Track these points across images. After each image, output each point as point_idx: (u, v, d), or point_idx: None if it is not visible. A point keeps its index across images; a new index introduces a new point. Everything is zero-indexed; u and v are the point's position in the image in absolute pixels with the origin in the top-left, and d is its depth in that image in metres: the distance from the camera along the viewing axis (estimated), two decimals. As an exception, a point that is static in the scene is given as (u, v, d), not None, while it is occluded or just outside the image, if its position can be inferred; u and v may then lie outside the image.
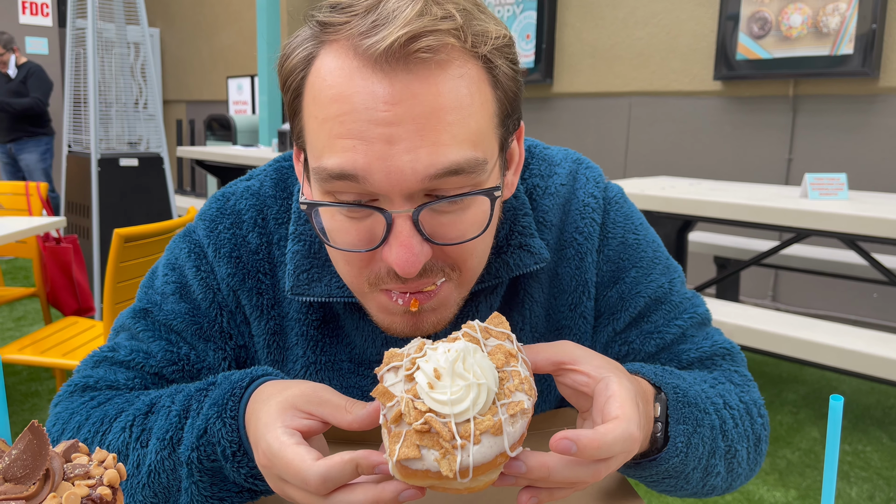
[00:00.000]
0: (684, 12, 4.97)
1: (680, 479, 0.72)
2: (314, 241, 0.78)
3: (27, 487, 0.50)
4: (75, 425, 0.74)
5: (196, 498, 0.69)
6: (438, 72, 0.60)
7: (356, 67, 0.60)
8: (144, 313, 0.82)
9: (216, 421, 0.66)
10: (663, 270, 0.85)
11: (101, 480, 0.53)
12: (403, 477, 0.54)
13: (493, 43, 0.63)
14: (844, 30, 4.20)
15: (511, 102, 0.67)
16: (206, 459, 0.67)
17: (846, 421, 3.08)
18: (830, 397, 0.51)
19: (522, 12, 5.76)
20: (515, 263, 0.77)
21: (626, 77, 5.32)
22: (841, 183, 3.01)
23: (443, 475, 0.52)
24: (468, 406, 0.53)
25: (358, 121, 0.60)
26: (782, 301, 4.77)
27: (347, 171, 0.61)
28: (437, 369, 0.54)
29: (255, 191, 0.83)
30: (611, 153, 5.46)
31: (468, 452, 0.52)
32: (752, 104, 4.75)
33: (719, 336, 0.86)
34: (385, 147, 0.59)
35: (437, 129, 0.60)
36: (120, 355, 0.80)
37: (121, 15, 4.49)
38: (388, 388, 0.55)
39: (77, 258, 3.19)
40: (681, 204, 3.04)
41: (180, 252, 0.83)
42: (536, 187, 0.83)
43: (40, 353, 2.45)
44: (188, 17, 9.78)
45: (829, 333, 2.68)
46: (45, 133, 6.05)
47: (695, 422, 0.70)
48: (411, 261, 0.62)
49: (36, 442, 0.51)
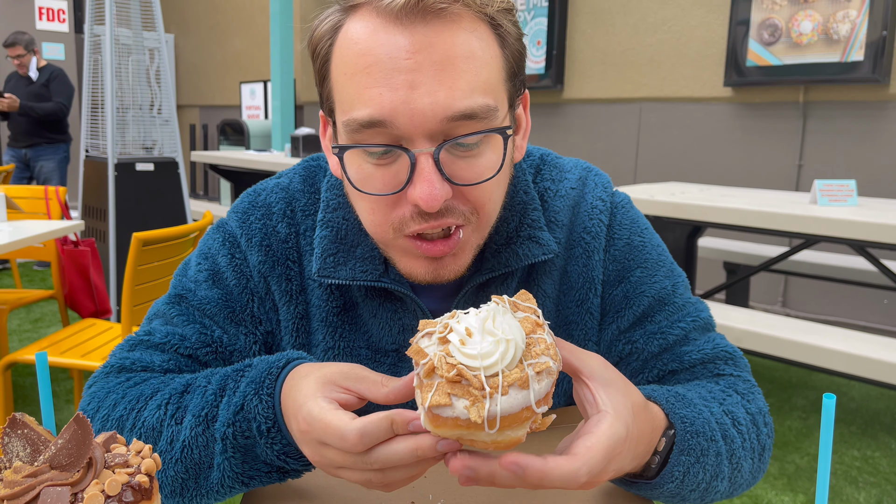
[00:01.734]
0: (695, 19, 4.99)
1: (675, 498, 0.75)
2: (340, 227, 0.84)
3: (72, 474, 0.54)
4: (111, 403, 0.78)
5: (227, 474, 0.72)
6: (452, 25, 0.67)
7: (380, 24, 0.67)
8: (179, 299, 0.87)
9: (253, 398, 0.70)
10: (667, 273, 0.89)
11: (138, 469, 0.57)
12: (435, 427, 0.57)
13: (499, 5, 0.70)
14: (855, 37, 4.21)
15: (517, 62, 0.74)
16: (240, 436, 0.70)
17: (855, 427, 3.09)
18: (824, 396, 0.54)
19: (533, 18, 5.80)
20: (524, 253, 0.83)
21: (636, 83, 5.34)
22: (850, 189, 3.02)
23: (472, 422, 0.55)
24: (497, 359, 0.56)
25: (383, 70, 0.66)
26: (792, 307, 4.77)
27: (375, 117, 0.67)
28: (468, 328, 0.58)
29: (285, 186, 0.90)
30: (621, 158, 5.48)
31: (496, 402, 0.55)
32: (763, 110, 4.76)
33: (722, 340, 0.89)
34: (408, 92, 0.66)
35: (454, 74, 0.67)
36: (155, 339, 0.84)
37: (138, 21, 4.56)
38: (422, 347, 0.59)
39: (95, 261, 3.24)
40: (690, 210, 3.06)
41: (213, 242, 0.89)
42: (548, 190, 0.89)
43: (59, 355, 2.50)
44: (202, 22, 9.88)
45: (838, 339, 2.69)
46: (63, 140, 5.84)
47: (699, 452, 0.72)
48: (434, 194, 0.67)
49: (80, 432, 0.55)
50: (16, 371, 3.57)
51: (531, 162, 0.92)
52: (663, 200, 3.13)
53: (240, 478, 0.72)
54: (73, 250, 3.22)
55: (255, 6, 8.90)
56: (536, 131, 5.97)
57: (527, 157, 0.92)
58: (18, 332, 4.19)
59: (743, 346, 2.82)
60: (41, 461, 0.55)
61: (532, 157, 0.92)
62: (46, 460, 0.55)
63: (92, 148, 4.52)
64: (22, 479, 0.54)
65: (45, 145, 5.74)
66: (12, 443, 0.55)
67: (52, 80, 5.62)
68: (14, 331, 4.19)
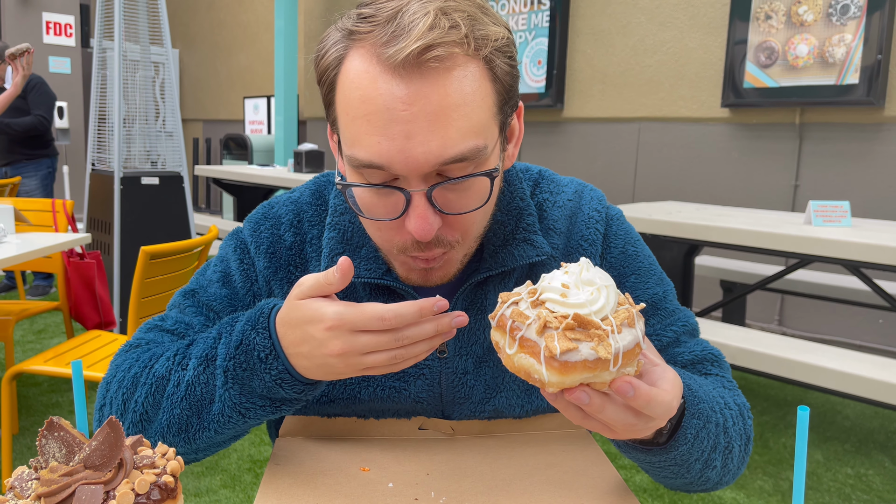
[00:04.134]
0: (693, 41, 5.07)
1: (682, 467, 0.80)
2: (347, 229, 0.93)
3: (104, 474, 0.59)
4: (127, 367, 0.88)
5: (227, 404, 0.80)
6: (446, 74, 0.72)
7: (379, 72, 0.73)
8: (192, 293, 0.97)
9: (251, 332, 0.79)
10: (658, 281, 0.97)
11: (164, 470, 0.61)
12: (562, 375, 0.60)
13: (493, 45, 0.76)
14: (850, 60, 4.29)
15: (508, 91, 0.80)
16: (239, 368, 0.79)
17: (849, 444, 3.12)
18: (798, 408, 0.59)
19: (535, 38, 5.89)
20: (520, 254, 0.90)
21: (635, 103, 5.42)
22: (844, 210, 3.07)
23: (600, 360, 0.60)
24: (603, 304, 0.61)
25: (382, 119, 0.73)
26: (789, 325, 4.81)
27: (374, 162, 0.75)
28: (564, 283, 0.63)
29: (295, 199, 0.99)
30: (620, 177, 5.55)
31: (616, 340, 0.60)
32: (759, 131, 4.83)
33: (707, 344, 0.97)
34: (404, 141, 0.72)
35: (446, 124, 0.73)
36: (167, 324, 0.95)
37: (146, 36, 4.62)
38: (521, 310, 0.63)
39: (100, 273, 3.29)
40: (688, 228, 3.11)
41: (228, 247, 0.99)
42: (546, 201, 0.97)
43: (66, 365, 2.54)
44: (207, 38, 9.99)
45: (833, 358, 2.73)
46: (46, 154, 5.26)
47: (705, 418, 0.79)
48: (427, 229, 0.76)
49: (113, 435, 0.59)
50: (20, 381, 3.60)
51: (529, 176, 1.00)
52: (661, 219, 3.18)
53: (237, 408, 0.80)
54: (79, 262, 3.27)
55: (261, 23, 9.02)
56: (537, 149, 6.05)
57: (525, 172, 1.00)
58: (22, 342, 4.23)
59: (739, 363, 2.86)
60: (76, 461, 0.59)
61: (531, 171, 1.00)
62: (81, 460, 0.59)
63: (98, 162, 4.58)
64: (58, 477, 0.58)
65: (25, 162, 5.18)
66: (49, 444, 0.60)
67: (30, 92, 4.97)
68: (17, 342, 4.23)
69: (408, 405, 0.93)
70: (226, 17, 9.63)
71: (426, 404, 0.93)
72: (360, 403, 0.93)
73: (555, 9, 5.72)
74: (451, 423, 0.94)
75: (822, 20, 4.39)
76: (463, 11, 0.74)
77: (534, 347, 0.61)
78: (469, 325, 0.89)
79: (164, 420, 0.83)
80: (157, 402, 0.83)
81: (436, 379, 0.91)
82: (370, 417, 0.95)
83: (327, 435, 0.95)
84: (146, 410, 0.83)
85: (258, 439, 3.01)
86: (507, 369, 0.66)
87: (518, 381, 0.92)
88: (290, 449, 0.91)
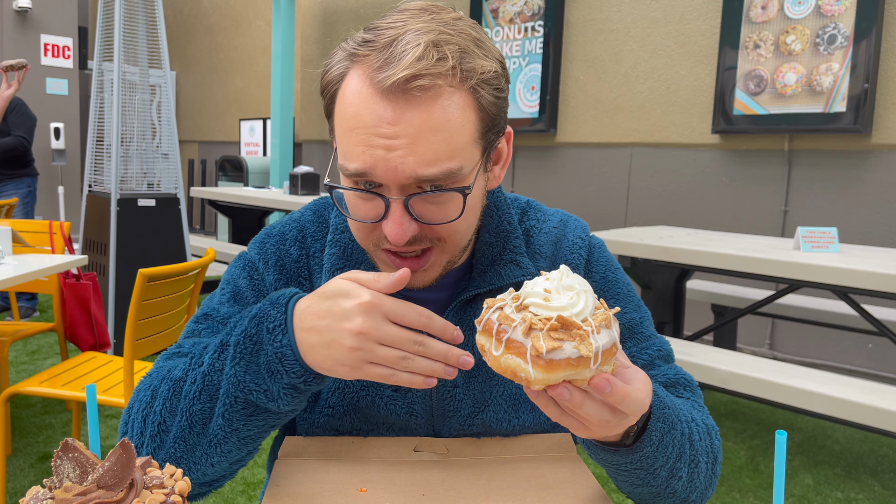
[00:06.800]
0: (684, 68, 5.17)
1: (648, 472, 0.83)
2: (347, 246, 0.99)
3: (116, 494, 0.61)
4: (145, 386, 0.90)
5: (231, 382, 0.81)
6: (430, 102, 0.78)
7: (370, 94, 0.80)
8: (205, 317, 1.00)
9: (268, 305, 0.82)
10: (636, 307, 1.03)
11: (172, 490, 0.64)
12: (547, 372, 0.65)
13: (480, 77, 0.81)
14: (837, 89, 4.38)
15: (493, 119, 0.86)
16: (249, 340, 0.81)
17: (839, 469, 3.14)
18: (776, 432, 0.62)
19: (528, 64, 5.98)
20: (507, 274, 0.97)
21: (627, 128, 5.50)
22: (832, 236, 3.13)
23: (582, 358, 0.64)
24: (583, 307, 0.67)
25: (368, 133, 0.80)
26: (779, 349, 4.85)
27: (360, 170, 0.82)
28: (546, 289, 0.68)
29: (297, 218, 1.05)
30: (612, 201, 5.61)
31: (595, 339, 0.65)
32: (749, 157, 4.91)
33: (680, 369, 1.02)
34: (385, 153, 0.79)
35: (423, 146, 0.79)
36: (184, 349, 0.97)
37: (144, 58, 4.67)
38: (507, 314, 0.68)
39: (96, 295, 3.30)
40: (679, 253, 3.16)
41: (235, 270, 1.03)
42: (533, 227, 1.04)
43: (61, 387, 2.54)
44: (204, 61, 10.08)
45: (823, 382, 2.75)
46: (26, 174, 5.32)
47: (670, 424, 0.83)
48: (400, 234, 0.83)
49: (125, 456, 0.62)
50: (13, 403, 3.59)
51: (518, 205, 1.07)
52: (652, 244, 3.23)
53: (241, 386, 0.81)
54: (75, 284, 3.28)
55: (257, 46, 9.11)
56: (530, 172, 6.11)
57: (514, 201, 1.07)
58: (15, 363, 4.23)
59: (730, 387, 2.89)
60: (89, 481, 0.62)
61: (519, 201, 1.07)
62: (94, 480, 0.62)
63: (95, 183, 4.61)
64: (73, 497, 0.61)
65: (5, 181, 5.25)
66: (64, 465, 0.63)
67: (10, 113, 5.07)
68: (11, 362, 4.23)
69: (402, 417, 0.96)
70: (223, 41, 9.73)
71: (419, 417, 0.97)
72: (358, 412, 0.96)
73: (548, 35, 5.82)
74: (445, 441, 0.97)
75: (809, 49, 4.49)
76: (455, 45, 0.80)
77: (520, 348, 0.66)
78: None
79: (184, 423, 0.83)
80: (174, 408, 0.84)
81: (428, 390, 0.96)
82: (367, 435, 0.98)
83: (325, 456, 0.97)
84: (164, 420, 0.84)
85: (252, 462, 3.01)
86: (494, 371, 0.70)
87: (505, 396, 0.97)
88: (289, 470, 0.94)
